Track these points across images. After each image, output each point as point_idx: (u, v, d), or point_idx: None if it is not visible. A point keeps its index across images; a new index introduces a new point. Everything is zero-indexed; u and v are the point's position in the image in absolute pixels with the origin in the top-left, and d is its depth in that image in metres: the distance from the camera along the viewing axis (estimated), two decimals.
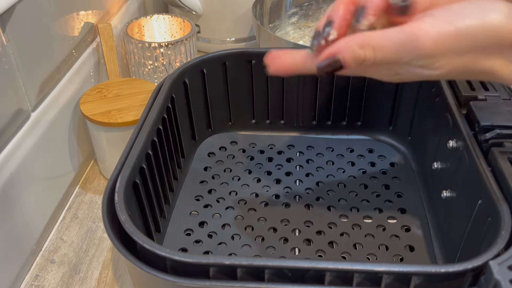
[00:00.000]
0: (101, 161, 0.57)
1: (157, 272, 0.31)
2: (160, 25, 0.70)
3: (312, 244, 0.44)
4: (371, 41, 0.28)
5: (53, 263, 0.47)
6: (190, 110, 0.53)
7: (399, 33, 0.27)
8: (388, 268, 0.30)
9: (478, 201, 0.36)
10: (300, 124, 0.58)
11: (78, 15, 0.57)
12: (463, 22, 0.26)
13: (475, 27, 0.26)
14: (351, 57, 0.28)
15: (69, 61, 0.55)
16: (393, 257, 0.43)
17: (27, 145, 0.46)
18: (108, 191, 0.37)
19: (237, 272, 0.31)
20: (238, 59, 0.54)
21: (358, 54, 0.28)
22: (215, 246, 0.44)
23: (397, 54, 0.27)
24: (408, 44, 0.27)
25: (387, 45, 0.27)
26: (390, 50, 0.27)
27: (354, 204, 0.48)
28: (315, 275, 0.31)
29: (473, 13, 0.26)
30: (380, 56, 0.28)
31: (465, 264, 0.30)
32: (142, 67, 0.65)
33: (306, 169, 0.53)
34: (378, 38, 0.27)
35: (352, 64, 0.28)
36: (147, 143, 0.42)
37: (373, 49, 0.27)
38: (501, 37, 0.27)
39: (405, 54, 0.27)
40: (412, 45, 0.27)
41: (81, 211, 0.53)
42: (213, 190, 0.51)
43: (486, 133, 0.40)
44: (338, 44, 0.29)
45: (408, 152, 0.55)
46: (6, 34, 0.42)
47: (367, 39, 0.28)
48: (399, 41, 0.27)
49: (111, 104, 0.53)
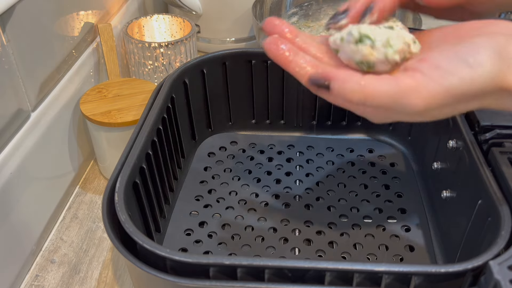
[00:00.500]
0: (101, 161, 0.57)
1: (157, 272, 0.31)
2: (160, 25, 0.70)
3: (312, 244, 0.44)
4: (366, 89, 0.29)
5: (53, 263, 0.47)
6: (190, 110, 0.53)
7: (392, 87, 0.28)
8: (388, 268, 0.30)
9: (478, 201, 0.36)
10: (300, 124, 0.58)
11: (78, 15, 0.57)
12: (451, 82, 0.28)
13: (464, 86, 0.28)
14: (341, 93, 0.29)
15: (69, 61, 0.55)
16: (393, 257, 0.43)
17: (27, 145, 0.46)
18: (108, 191, 0.37)
19: (237, 272, 0.31)
20: (238, 59, 0.54)
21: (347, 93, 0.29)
22: (215, 246, 0.44)
23: (387, 106, 0.29)
24: (399, 100, 0.28)
25: (378, 96, 0.29)
26: (380, 100, 0.29)
27: (354, 204, 0.48)
28: (315, 275, 0.31)
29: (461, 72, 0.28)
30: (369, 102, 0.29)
31: (465, 264, 0.30)
32: (142, 67, 0.65)
33: (306, 169, 0.53)
34: (371, 88, 0.29)
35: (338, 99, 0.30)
36: (147, 143, 0.42)
37: (365, 96, 0.29)
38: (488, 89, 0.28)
39: (395, 107, 0.29)
40: (402, 102, 0.28)
41: (81, 211, 0.53)
42: (213, 190, 0.51)
43: (486, 133, 0.40)
44: (337, 73, 0.30)
45: (408, 152, 0.55)
46: (6, 34, 0.42)
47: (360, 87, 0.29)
48: (391, 96, 0.28)
49: (111, 104, 0.53)
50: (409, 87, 0.28)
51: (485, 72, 0.27)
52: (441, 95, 0.28)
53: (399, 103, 0.28)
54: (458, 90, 0.28)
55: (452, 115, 0.30)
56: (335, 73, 0.30)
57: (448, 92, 0.28)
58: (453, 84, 0.27)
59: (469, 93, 0.28)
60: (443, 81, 0.28)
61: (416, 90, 0.28)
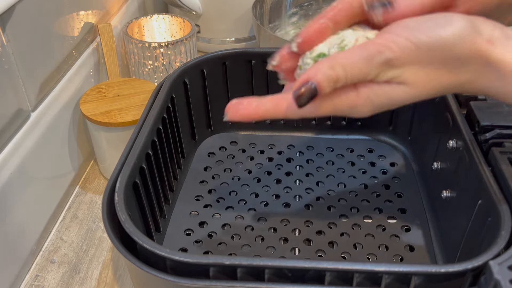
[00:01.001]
0: (101, 161, 0.57)
1: (157, 272, 0.31)
2: (160, 25, 0.70)
3: (312, 244, 0.44)
4: (339, 60, 0.29)
5: (53, 263, 0.47)
6: (190, 110, 0.53)
7: (364, 50, 0.29)
8: (388, 268, 0.30)
9: (478, 201, 0.36)
10: (300, 124, 0.58)
11: (78, 15, 0.57)
12: (420, 38, 0.28)
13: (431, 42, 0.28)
14: (324, 79, 0.29)
15: (69, 61, 0.55)
16: (393, 257, 0.43)
17: (27, 145, 0.46)
18: (108, 191, 0.37)
19: (237, 272, 0.31)
20: (238, 59, 0.54)
21: (329, 74, 0.29)
22: (215, 246, 0.44)
23: (365, 69, 0.29)
24: (374, 58, 0.28)
25: (355, 61, 0.29)
26: (358, 65, 0.29)
27: (354, 204, 0.48)
28: (315, 275, 0.31)
29: (429, 29, 0.28)
30: (350, 72, 0.29)
31: (465, 264, 0.30)
32: (142, 67, 0.65)
33: (306, 169, 0.53)
34: (344, 57, 0.29)
35: (326, 86, 0.29)
36: (147, 143, 0.42)
37: (342, 67, 0.29)
38: (458, 51, 0.28)
39: (373, 69, 0.29)
40: (377, 58, 0.28)
41: (81, 211, 0.53)
42: (213, 190, 0.51)
43: (486, 133, 0.40)
44: (309, 70, 0.29)
45: (408, 152, 0.55)
46: (6, 34, 0.42)
47: (335, 59, 0.29)
48: (365, 56, 0.28)
49: (111, 104, 0.53)
50: (380, 44, 0.28)
51: (454, 30, 0.27)
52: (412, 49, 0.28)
53: (375, 60, 0.28)
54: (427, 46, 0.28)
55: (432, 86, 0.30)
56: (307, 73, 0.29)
57: (417, 46, 0.28)
58: (422, 40, 0.28)
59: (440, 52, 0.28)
60: (411, 37, 0.28)
61: (385, 45, 0.28)
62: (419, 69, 0.29)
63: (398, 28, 0.29)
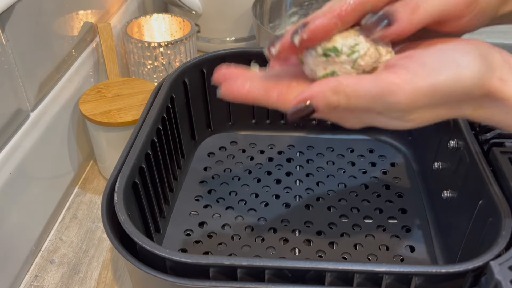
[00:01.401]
0: (101, 161, 0.57)
1: (156, 273, 0.31)
2: (160, 25, 0.70)
3: (312, 244, 0.44)
4: (345, 88, 0.27)
5: (52, 263, 0.47)
6: (190, 110, 0.53)
7: (374, 85, 0.27)
8: (389, 269, 0.30)
9: (479, 201, 0.36)
10: (300, 124, 0.58)
11: (78, 14, 0.57)
12: (438, 79, 0.27)
13: (450, 85, 0.27)
14: (324, 103, 0.28)
15: (68, 61, 0.55)
16: (394, 258, 0.43)
17: (26, 145, 0.46)
18: (108, 191, 0.37)
19: (237, 273, 0.31)
20: (238, 59, 0.53)
21: (331, 100, 0.27)
22: (215, 246, 0.44)
23: (371, 105, 0.27)
24: (383, 97, 0.27)
25: (361, 94, 0.27)
26: (363, 99, 0.27)
27: (354, 204, 0.48)
28: (315, 276, 0.31)
29: (448, 70, 0.27)
30: (353, 104, 0.27)
31: (465, 264, 0.30)
32: (142, 66, 0.65)
33: (306, 169, 0.53)
34: (352, 85, 0.27)
35: (325, 110, 0.28)
36: (147, 143, 0.42)
37: (347, 96, 0.27)
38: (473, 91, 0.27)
39: (379, 106, 0.27)
40: (386, 99, 0.27)
41: (81, 211, 0.53)
42: (213, 190, 0.51)
43: (487, 133, 0.40)
44: (312, 89, 0.28)
45: (409, 152, 0.55)
46: (5, 34, 0.42)
47: (341, 86, 0.27)
48: (374, 93, 0.27)
49: (111, 104, 0.53)
50: (393, 83, 0.27)
51: (472, 72, 0.27)
52: (426, 92, 0.27)
53: (383, 100, 0.27)
54: (444, 88, 0.27)
55: (433, 121, 0.29)
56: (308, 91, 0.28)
57: (433, 89, 0.27)
58: (439, 81, 0.27)
59: (454, 93, 0.27)
60: (429, 77, 0.27)
61: (400, 86, 0.27)
62: (428, 111, 0.28)
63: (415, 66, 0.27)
